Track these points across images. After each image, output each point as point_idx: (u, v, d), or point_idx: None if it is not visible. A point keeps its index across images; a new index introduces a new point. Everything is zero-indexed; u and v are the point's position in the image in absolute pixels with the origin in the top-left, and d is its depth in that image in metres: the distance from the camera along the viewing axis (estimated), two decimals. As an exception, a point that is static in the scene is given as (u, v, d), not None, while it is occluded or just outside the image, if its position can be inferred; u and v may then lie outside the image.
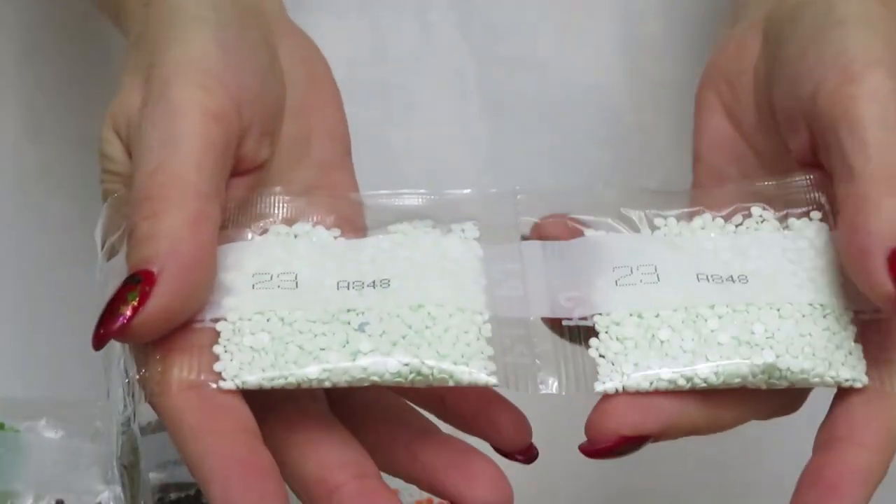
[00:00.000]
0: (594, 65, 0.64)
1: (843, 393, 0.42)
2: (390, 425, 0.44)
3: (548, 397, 0.57)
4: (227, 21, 0.44)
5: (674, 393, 0.40)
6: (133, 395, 0.41)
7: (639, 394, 0.40)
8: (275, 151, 0.46)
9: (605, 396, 0.41)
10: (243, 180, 0.44)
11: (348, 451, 0.41)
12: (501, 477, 0.42)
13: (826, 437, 0.41)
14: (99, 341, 0.40)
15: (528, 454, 0.44)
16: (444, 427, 0.44)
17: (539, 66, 0.64)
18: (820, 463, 0.40)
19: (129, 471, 0.50)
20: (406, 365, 0.39)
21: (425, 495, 0.59)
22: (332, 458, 0.41)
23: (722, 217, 0.44)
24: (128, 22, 0.48)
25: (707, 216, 0.44)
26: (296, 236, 0.44)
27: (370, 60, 0.64)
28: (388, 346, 0.40)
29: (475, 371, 0.40)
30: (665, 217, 0.44)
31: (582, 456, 0.42)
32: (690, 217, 0.44)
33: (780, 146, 0.46)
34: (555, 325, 0.42)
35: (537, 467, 0.59)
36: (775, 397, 0.42)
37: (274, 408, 0.42)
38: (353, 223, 0.45)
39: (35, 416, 0.51)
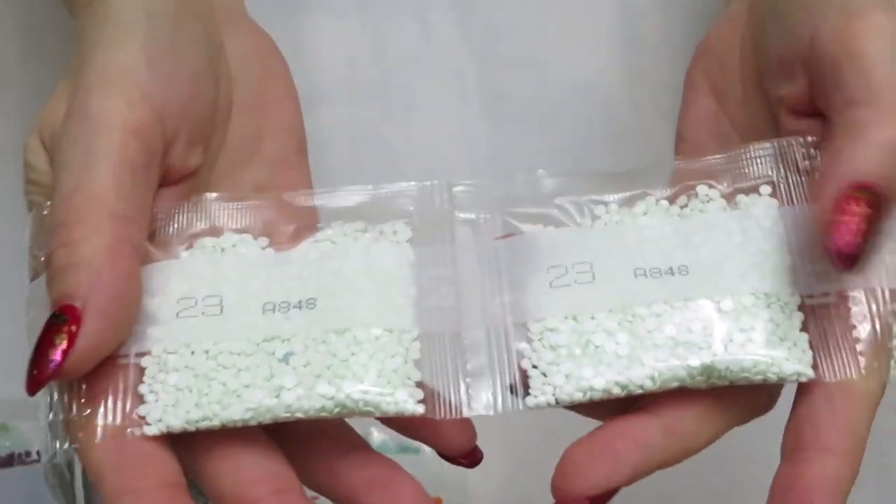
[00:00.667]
0: (594, 64, 0.64)
1: (804, 388, 0.40)
2: (314, 440, 0.42)
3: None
4: (161, 23, 0.43)
5: (634, 431, 0.39)
6: (57, 437, 0.40)
7: (597, 442, 0.39)
8: (216, 155, 0.45)
9: (564, 454, 0.39)
10: (174, 190, 0.43)
11: (269, 465, 0.40)
12: (423, 497, 0.41)
13: (793, 443, 0.40)
14: (33, 387, 0.39)
15: (471, 458, 0.43)
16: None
17: (539, 66, 0.64)
18: (789, 474, 0.39)
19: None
20: (331, 399, 0.39)
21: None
22: (250, 472, 0.39)
23: (666, 199, 0.42)
24: (76, 22, 0.47)
25: (650, 199, 0.42)
26: (223, 250, 0.43)
27: (370, 60, 0.64)
28: (312, 379, 0.39)
29: (401, 401, 0.39)
30: (606, 204, 0.42)
31: None
32: (633, 201, 0.42)
33: (762, 122, 0.45)
34: (489, 331, 0.41)
35: (525, 467, 0.60)
36: (745, 401, 0.40)
37: None
38: (285, 228, 0.44)
39: (35, 416, 0.51)
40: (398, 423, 0.42)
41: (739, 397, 0.40)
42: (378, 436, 0.60)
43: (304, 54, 0.64)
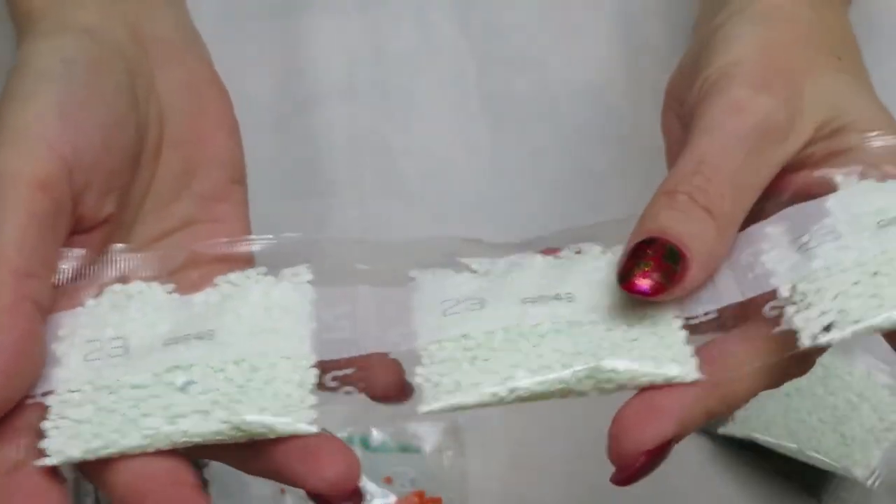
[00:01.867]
0: (594, 65, 0.64)
1: None
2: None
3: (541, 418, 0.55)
4: (77, 71, 0.43)
5: (675, 388, 0.40)
6: None
7: (642, 401, 0.40)
8: (143, 194, 0.45)
9: (614, 418, 0.40)
10: (88, 237, 0.44)
11: (163, 463, 0.40)
12: (351, 467, 0.40)
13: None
14: None
15: (401, 393, 0.43)
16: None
17: (539, 66, 0.64)
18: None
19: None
20: (226, 422, 0.40)
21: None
22: (145, 470, 0.40)
23: (550, 256, 0.45)
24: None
25: (537, 256, 0.45)
26: (129, 296, 0.44)
27: (370, 60, 0.64)
28: (208, 404, 0.40)
29: (295, 422, 0.40)
30: (495, 262, 0.45)
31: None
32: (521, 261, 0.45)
33: None
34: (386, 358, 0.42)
35: (525, 468, 0.59)
36: (782, 363, 0.42)
37: None
38: (191, 274, 0.45)
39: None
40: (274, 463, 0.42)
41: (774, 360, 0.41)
42: (378, 436, 0.60)
43: (304, 54, 0.64)
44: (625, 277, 0.40)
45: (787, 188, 0.44)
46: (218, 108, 0.48)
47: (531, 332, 0.42)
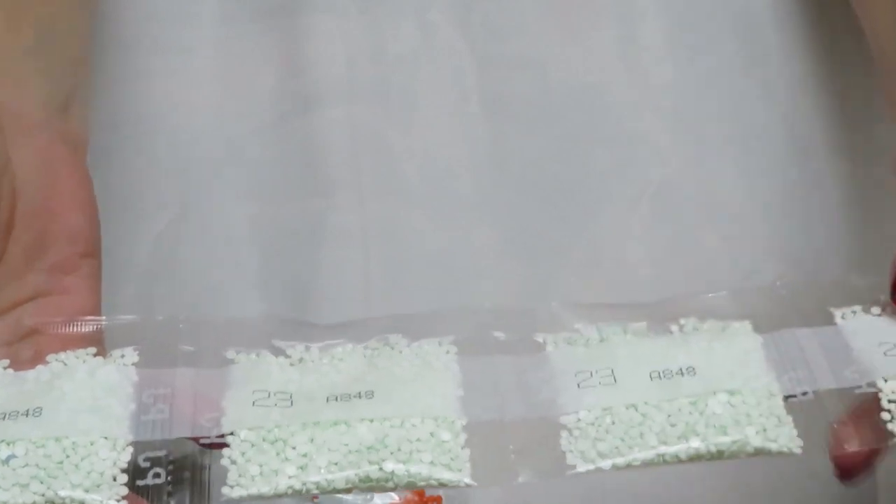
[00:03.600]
0: (594, 65, 0.64)
1: None
2: None
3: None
4: None
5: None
6: None
7: (853, 415, 0.46)
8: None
9: (830, 433, 0.45)
10: None
11: None
12: None
13: None
14: None
15: None
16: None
17: (539, 66, 0.64)
18: None
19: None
20: (41, 496, 0.43)
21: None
22: None
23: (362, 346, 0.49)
24: None
25: (349, 346, 0.49)
26: None
27: (370, 60, 0.64)
28: (27, 478, 0.44)
29: (104, 499, 0.43)
30: (310, 348, 0.48)
31: None
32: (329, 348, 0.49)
33: None
34: (196, 442, 0.46)
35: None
36: None
37: None
38: (27, 350, 0.47)
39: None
40: None
41: None
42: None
43: (304, 54, 0.64)
44: None
45: None
46: (71, 186, 0.50)
47: (331, 426, 0.45)
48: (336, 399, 0.46)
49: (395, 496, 0.59)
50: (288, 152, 0.63)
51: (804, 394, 0.46)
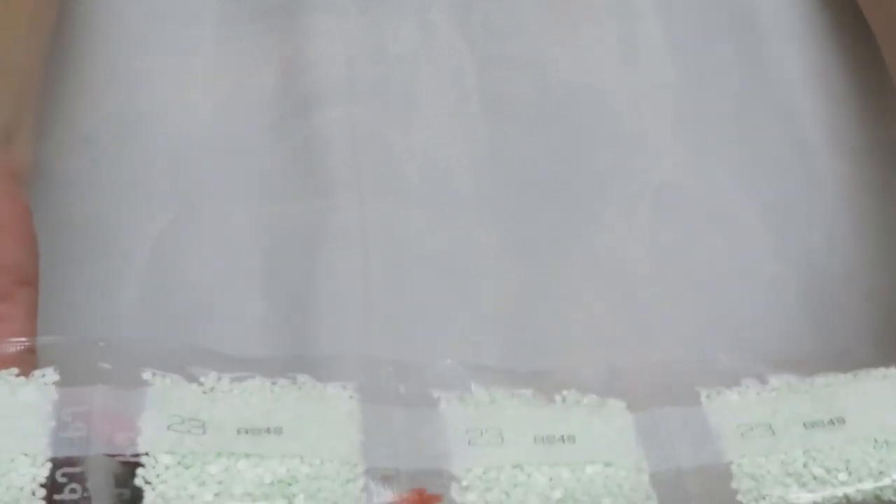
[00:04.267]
0: (594, 65, 0.64)
1: None
2: None
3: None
4: None
5: None
6: None
7: None
8: None
9: None
10: None
11: None
12: None
13: None
14: None
15: None
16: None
17: (539, 66, 0.64)
18: None
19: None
20: None
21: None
22: None
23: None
24: None
25: (263, 381, 0.50)
26: None
27: (370, 60, 0.64)
28: None
29: None
30: (221, 377, 0.50)
31: None
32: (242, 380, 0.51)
33: None
34: (112, 460, 0.47)
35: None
36: None
37: None
38: None
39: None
40: None
41: None
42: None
43: (304, 54, 0.64)
44: None
45: None
46: (9, 219, 0.52)
47: (238, 462, 0.47)
48: (246, 432, 0.48)
49: (393, 495, 0.59)
50: (288, 152, 0.63)
51: (668, 470, 0.49)
